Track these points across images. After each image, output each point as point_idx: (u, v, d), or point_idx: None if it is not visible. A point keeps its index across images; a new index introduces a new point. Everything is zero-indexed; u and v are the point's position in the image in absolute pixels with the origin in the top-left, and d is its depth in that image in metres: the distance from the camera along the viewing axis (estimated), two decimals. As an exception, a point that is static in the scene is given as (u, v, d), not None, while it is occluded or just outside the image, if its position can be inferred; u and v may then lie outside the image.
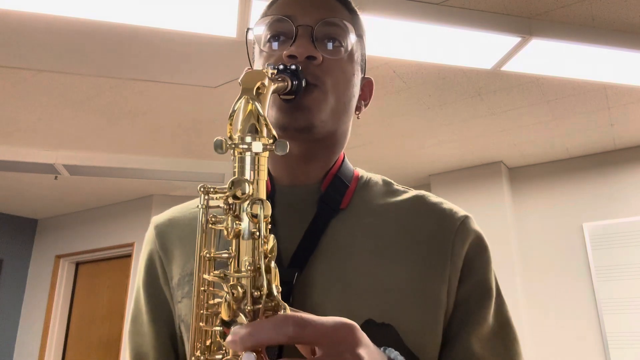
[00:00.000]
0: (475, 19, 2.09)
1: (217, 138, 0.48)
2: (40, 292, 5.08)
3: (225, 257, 0.48)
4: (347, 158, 0.74)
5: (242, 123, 0.49)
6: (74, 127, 3.20)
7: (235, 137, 0.49)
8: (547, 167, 3.97)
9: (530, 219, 3.90)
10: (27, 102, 2.85)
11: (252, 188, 0.47)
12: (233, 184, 0.47)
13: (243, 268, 0.45)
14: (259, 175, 0.48)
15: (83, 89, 2.73)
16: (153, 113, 3.03)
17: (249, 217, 0.46)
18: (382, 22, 2.04)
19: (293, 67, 0.61)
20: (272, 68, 0.60)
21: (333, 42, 0.67)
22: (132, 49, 2.33)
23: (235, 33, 2.11)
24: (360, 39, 0.72)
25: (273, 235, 0.47)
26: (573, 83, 2.70)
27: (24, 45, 2.29)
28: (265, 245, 0.47)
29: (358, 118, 0.75)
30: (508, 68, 2.45)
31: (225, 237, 0.47)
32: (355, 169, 0.74)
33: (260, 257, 0.45)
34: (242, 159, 0.49)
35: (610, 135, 3.48)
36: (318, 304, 0.58)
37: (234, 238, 0.47)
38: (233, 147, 0.48)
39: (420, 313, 0.60)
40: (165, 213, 0.76)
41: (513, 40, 2.20)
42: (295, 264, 0.60)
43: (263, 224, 0.46)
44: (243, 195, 0.47)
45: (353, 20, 0.70)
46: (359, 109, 0.75)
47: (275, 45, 0.67)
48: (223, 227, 0.47)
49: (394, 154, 3.77)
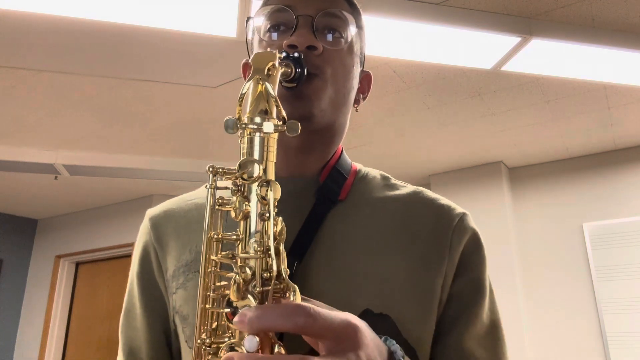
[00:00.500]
0: (475, 19, 2.09)
1: (228, 118, 0.48)
2: (40, 292, 5.08)
3: (234, 238, 0.47)
4: (345, 153, 0.74)
5: (252, 104, 0.49)
6: (74, 127, 3.20)
7: (245, 118, 0.48)
8: (547, 167, 3.97)
9: (530, 219, 3.90)
10: (27, 102, 2.85)
11: (261, 169, 0.46)
12: (242, 165, 0.46)
13: (251, 250, 0.45)
14: (269, 157, 0.48)
15: (83, 89, 2.73)
16: (153, 113, 3.03)
17: (259, 198, 0.46)
18: (382, 22, 2.04)
19: (296, 54, 0.61)
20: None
21: (333, 33, 0.67)
22: (132, 49, 2.33)
23: (235, 33, 2.10)
24: (360, 32, 0.72)
25: (281, 218, 0.47)
26: (573, 83, 2.70)
27: (24, 45, 2.29)
28: (275, 228, 0.46)
29: (357, 111, 0.75)
30: (508, 68, 2.45)
31: (234, 218, 0.47)
32: (353, 163, 0.74)
33: (270, 238, 0.45)
34: (251, 140, 0.48)
35: (610, 135, 3.48)
36: (317, 294, 0.58)
37: (243, 219, 0.46)
38: (244, 127, 0.48)
39: (417, 305, 0.60)
40: (160, 205, 0.75)
41: (513, 40, 2.20)
42: (294, 254, 0.60)
43: (272, 206, 0.46)
44: (252, 177, 0.46)
45: (353, 13, 0.70)
46: (358, 102, 0.75)
47: (275, 35, 0.67)
48: (231, 208, 0.47)
49: (394, 154, 3.77)
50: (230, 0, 1.92)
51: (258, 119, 0.48)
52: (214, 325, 0.49)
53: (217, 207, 0.50)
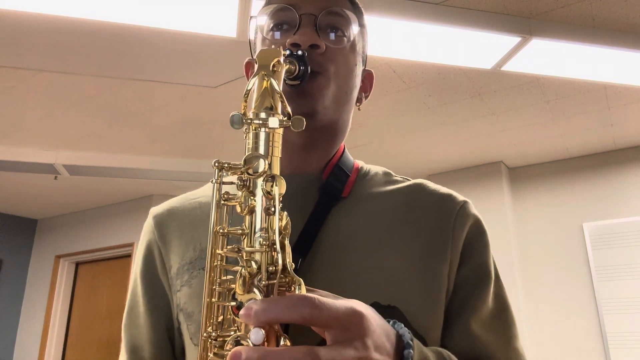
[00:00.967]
0: (475, 19, 2.09)
1: (234, 113, 0.48)
2: (40, 292, 5.08)
3: (240, 233, 0.47)
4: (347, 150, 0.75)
5: (257, 99, 0.49)
6: (74, 127, 3.20)
7: (250, 113, 0.49)
8: (547, 167, 3.97)
9: (530, 219, 3.90)
10: (27, 102, 2.85)
11: (266, 164, 0.47)
12: (247, 160, 0.47)
13: (257, 244, 0.45)
14: (274, 152, 0.48)
15: (83, 89, 2.73)
16: (153, 113, 3.03)
17: (264, 193, 0.46)
18: (382, 22, 2.04)
19: (300, 52, 0.62)
20: None
21: (336, 31, 0.67)
22: (132, 49, 2.33)
23: (235, 33, 2.11)
24: (362, 31, 0.72)
25: (286, 213, 0.47)
26: (573, 83, 2.70)
27: (24, 45, 2.29)
28: (280, 222, 0.46)
29: (359, 109, 0.76)
30: (508, 68, 2.45)
31: (239, 213, 0.47)
32: (355, 161, 0.75)
33: (275, 233, 0.45)
34: (256, 135, 0.48)
35: (610, 135, 3.48)
36: (322, 289, 0.59)
37: (248, 214, 0.47)
38: (249, 122, 0.48)
39: (424, 294, 0.61)
40: (164, 204, 0.76)
41: (513, 40, 2.20)
42: (299, 251, 0.60)
43: (277, 201, 0.46)
44: (258, 172, 0.46)
45: (355, 12, 0.71)
46: (360, 101, 0.75)
47: (278, 34, 0.68)
48: (237, 202, 0.47)
49: (394, 154, 3.77)
50: (230, 0, 1.92)
51: (263, 115, 0.48)
52: (220, 319, 0.49)
53: (222, 202, 0.50)
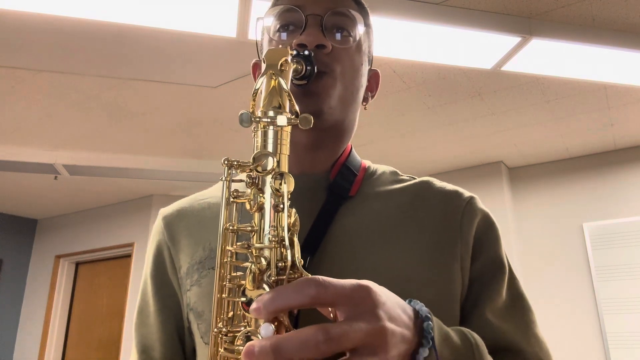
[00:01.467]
0: (475, 19, 2.09)
1: (243, 111, 0.49)
2: (40, 292, 5.08)
3: (249, 229, 0.48)
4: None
5: (265, 98, 0.50)
6: (74, 127, 3.20)
7: (258, 112, 0.49)
8: (547, 167, 3.97)
9: (530, 219, 3.90)
10: (27, 102, 2.85)
11: (275, 162, 0.47)
12: (256, 158, 0.47)
13: (266, 240, 0.46)
14: (282, 150, 0.49)
15: (83, 89, 2.73)
16: (153, 113, 3.03)
17: (273, 190, 0.47)
18: (382, 22, 2.04)
19: (306, 52, 0.62)
20: None
21: (341, 31, 0.68)
22: (132, 49, 2.33)
23: (235, 33, 2.10)
24: (368, 31, 0.73)
25: (295, 210, 0.48)
26: (573, 83, 2.70)
27: (24, 45, 2.29)
28: (289, 219, 0.47)
29: (365, 109, 0.76)
30: (508, 68, 2.45)
31: (249, 210, 0.48)
32: (363, 160, 0.75)
33: (284, 229, 0.46)
34: (265, 133, 0.49)
35: (610, 135, 3.48)
36: None
37: (257, 211, 0.47)
38: (258, 120, 0.49)
39: (434, 291, 0.61)
40: (173, 205, 0.77)
41: (513, 40, 2.20)
42: (307, 249, 0.61)
43: (286, 198, 0.47)
44: (266, 169, 0.47)
45: (361, 12, 0.71)
46: (366, 100, 0.76)
47: (285, 35, 0.69)
48: (246, 200, 0.48)
49: (394, 154, 3.77)
50: (230, 0, 1.92)
51: (272, 113, 0.49)
52: (230, 315, 0.50)
53: (232, 199, 0.51)
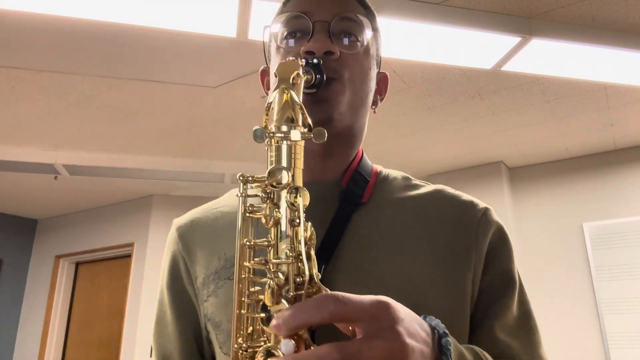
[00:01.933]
0: (475, 19, 2.09)
1: (256, 127, 0.49)
2: (40, 292, 5.08)
3: (265, 244, 0.48)
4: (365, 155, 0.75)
5: (278, 112, 0.50)
6: (74, 127, 3.20)
7: (272, 127, 0.50)
8: (547, 167, 3.97)
9: (530, 219, 3.90)
10: (27, 102, 2.85)
11: (290, 176, 0.48)
12: (271, 173, 0.48)
13: (283, 255, 0.46)
14: (296, 164, 0.49)
15: (83, 89, 2.73)
16: (153, 113, 3.03)
17: (288, 204, 0.47)
18: (382, 22, 2.04)
19: (315, 60, 0.62)
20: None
21: (349, 37, 0.68)
22: (132, 49, 2.33)
23: (235, 33, 2.10)
24: (375, 34, 0.73)
25: (310, 223, 0.48)
26: (573, 83, 2.70)
27: (24, 45, 2.29)
28: (305, 233, 0.47)
29: (375, 112, 0.76)
30: (508, 68, 2.45)
31: (264, 225, 0.48)
32: (374, 165, 0.75)
33: (301, 244, 0.46)
34: (278, 148, 0.49)
35: (610, 135, 3.48)
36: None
37: (273, 226, 0.47)
38: (271, 135, 0.49)
39: (448, 301, 0.61)
40: (187, 215, 0.77)
41: (513, 40, 2.19)
42: (321, 257, 0.61)
43: (302, 212, 0.47)
44: (281, 184, 0.47)
45: (368, 16, 0.71)
46: (375, 104, 0.76)
47: (292, 42, 0.68)
48: (262, 215, 0.48)
49: (394, 154, 3.77)
50: (230, 0, 1.92)
51: (285, 128, 0.49)
52: (250, 330, 0.50)
53: (248, 214, 0.51)
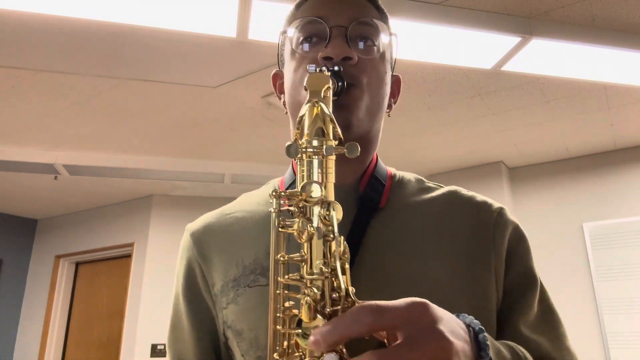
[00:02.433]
0: (475, 19, 2.09)
1: (289, 143, 0.49)
2: (40, 292, 5.08)
3: (299, 260, 0.48)
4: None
5: (309, 126, 0.50)
6: (74, 127, 3.20)
7: (303, 141, 0.50)
8: (547, 167, 3.97)
9: (530, 219, 3.90)
10: (27, 102, 2.85)
11: (323, 191, 0.48)
12: (304, 188, 0.47)
13: (318, 270, 0.46)
14: (328, 178, 0.49)
15: (83, 89, 2.73)
16: (153, 113, 3.03)
17: (321, 219, 0.47)
18: (382, 22, 2.04)
19: (336, 68, 0.62)
20: (314, 69, 0.60)
21: (365, 41, 0.67)
22: (132, 49, 2.33)
23: (235, 33, 2.10)
24: (390, 37, 0.72)
25: (343, 237, 0.48)
26: (573, 83, 2.69)
27: (24, 45, 2.29)
28: (339, 247, 0.47)
29: (389, 116, 0.76)
30: (508, 68, 2.45)
31: (297, 239, 0.48)
32: (388, 168, 0.75)
33: (335, 258, 0.46)
34: (310, 163, 0.49)
35: (610, 135, 3.48)
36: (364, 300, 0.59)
37: (307, 241, 0.47)
38: (304, 150, 0.49)
39: (469, 303, 0.61)
40: (200, 220, 0.76)
41: (513, 40, 2.19)
42: None
43: (335, 226, 0.47)
44: (314, 198, 0.47)
45: (382, 19, 0.71)
46: (390, 107, 0.75)
47: (307, 47, 0.68)
48: (294, 230, 0.48)
49: (394, 154, 3.77)
50: (230, 0, 1.92)
51: (316, 142, 0.49)
52: (285, 345, 0.50)
53: (280, 229, 0.51)
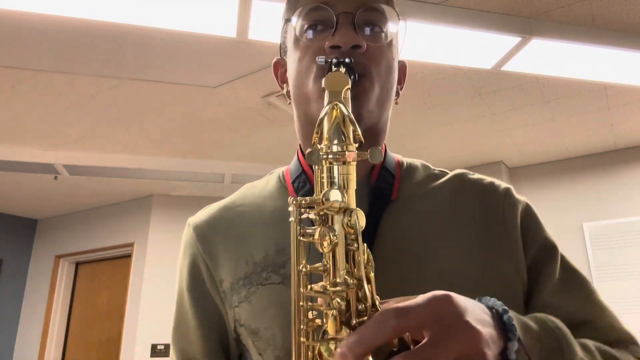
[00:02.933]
0: (475, 19, 2.09)
1: (310, 150, 0.47)
2: (40, 292, 5.08)
3: (321, 270, 0.46)
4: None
5: (329, 130, 0.49)
6: (74, 127, 3.19)
7: (322, 146, 0.48)
8: (547, 167, 3.97)
9: (530, 219, 3.90)
10: (27, 102, 2.85)
11: (344, 198, 0.46)
12: (325, 195, 0.46)
13: (343, 281, 0.44)
14: (349, 185, 0.48)
15: (83, 89, 2.73)
16: (153, 113, 3.03)
17: (345, 227, 0.45)
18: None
19: (347, 60, 0.59)
20: (324, 61, 0.58)
21: (373, 27, 0.65)
22: (132, 49, 2.33)
23: (235, 33, 2.10)
24: (397, 23, 0.70)
25: (366, 245, 0.46)
26: (573, 83, 2.69)
27: (24, 45, 2.29)
28: (363, 256, 0.45)
29: (397, 103, 0.73)
30: (508, 68, 2.45)
31: (320, 249, 0.46)
32: (395, 155, 0.74)
33: (359, 268, 0.44)
34: (330, 169, 0.48)
35: (610, 135, 3.48)
36: (385, 296, 0.58)
37: (329, 250, 0.46)
38: (325, 157, 0.48)
39: (489, 286, 0.60)
40: (202, 213, 0.74)
41: (513, 40, 2.19)
42: None
43: (359, 235, 0.45)
44: (336, 207, 0.46)
45: (389, 3, 0.68)
46: (397, 94, 0.73)
47: (311, 34, 0.65)
48: (316, 240, 0.46)
49: (394, 154, 3.76)
50: (230, 0, 1.92)
51: (337, 147, 0.48)
52: (310, 356, 0.48)
53: (300, 238, 0.49)
